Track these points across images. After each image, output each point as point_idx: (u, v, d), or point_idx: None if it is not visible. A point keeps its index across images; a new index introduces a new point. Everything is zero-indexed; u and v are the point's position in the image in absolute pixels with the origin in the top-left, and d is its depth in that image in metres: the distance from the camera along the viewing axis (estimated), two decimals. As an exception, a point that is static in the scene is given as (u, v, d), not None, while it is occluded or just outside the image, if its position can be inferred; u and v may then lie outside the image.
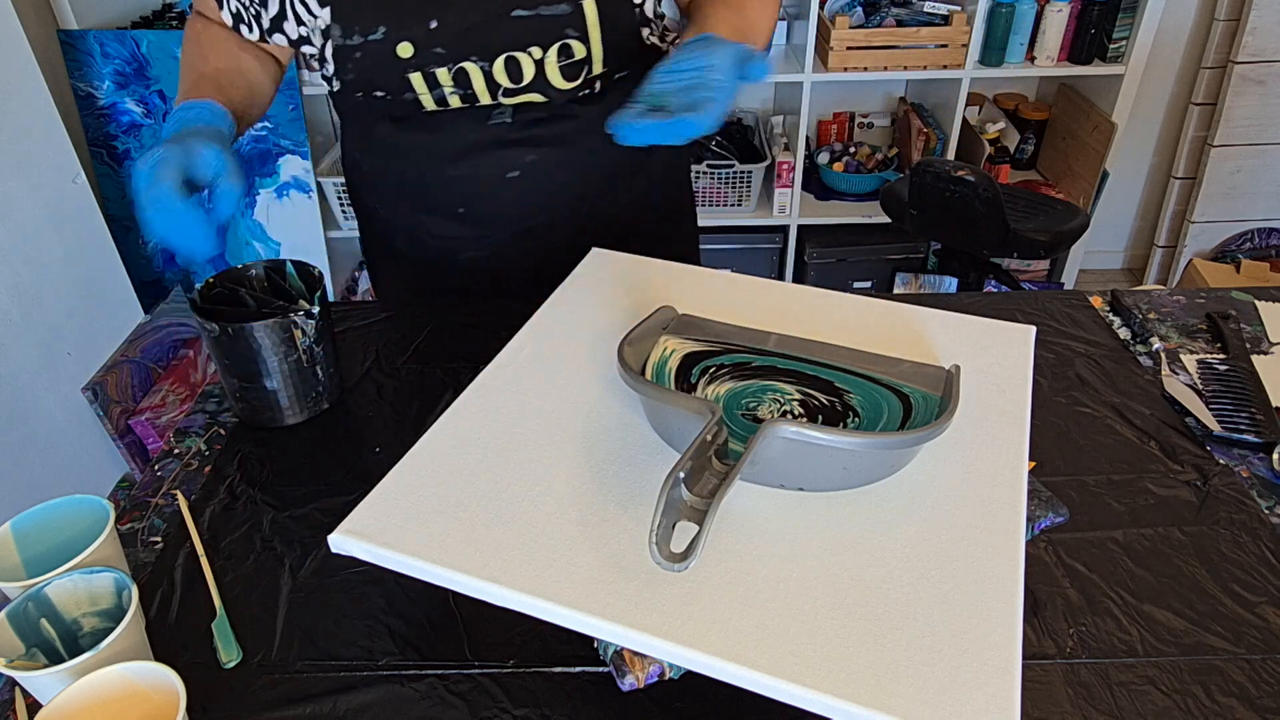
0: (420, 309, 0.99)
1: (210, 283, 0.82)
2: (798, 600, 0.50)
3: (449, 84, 0.83)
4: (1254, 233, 2.47)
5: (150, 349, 1.87)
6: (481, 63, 0.82)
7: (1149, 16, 2.16)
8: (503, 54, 0.82)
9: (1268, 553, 0.66)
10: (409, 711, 0.56)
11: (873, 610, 0.49)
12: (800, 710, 0.46)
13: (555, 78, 0.85)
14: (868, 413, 0.62)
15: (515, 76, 0.84)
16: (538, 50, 0.82)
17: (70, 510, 0.62)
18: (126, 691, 0.52)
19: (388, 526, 0.55)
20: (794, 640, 0.48)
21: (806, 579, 0.51)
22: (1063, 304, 0.97)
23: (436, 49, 0.81)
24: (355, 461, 0.77)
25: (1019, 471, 0.59)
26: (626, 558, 0.52)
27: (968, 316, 0.76)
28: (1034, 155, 2.62)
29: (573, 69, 0.85)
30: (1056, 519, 0.66)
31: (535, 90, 0.85)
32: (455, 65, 0.82)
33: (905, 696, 0.45)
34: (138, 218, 0.68)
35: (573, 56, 0.84)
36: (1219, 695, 0.56)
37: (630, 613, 0.49)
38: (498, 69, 0.83)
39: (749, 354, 0.69)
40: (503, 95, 0.85)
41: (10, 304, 1.54)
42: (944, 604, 0.50)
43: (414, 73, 0.82)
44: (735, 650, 0.47)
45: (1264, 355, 0.88)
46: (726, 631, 0.48)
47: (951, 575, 0.51)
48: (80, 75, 2.02)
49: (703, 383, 0.66)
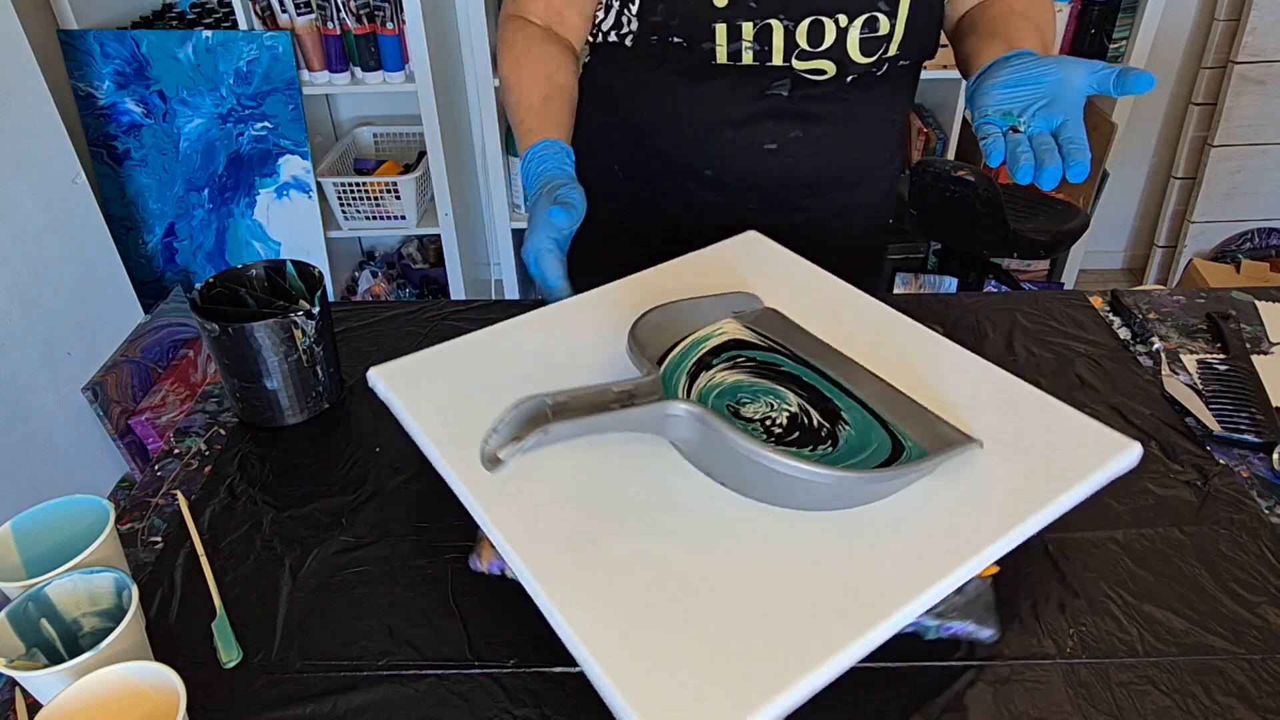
0: (421, 309, 0.99)
1: (210, 283, 0.82)
2: (646, 568, 0.53)
3: (749, 38, 0.84)
4: (1254, 233, 2.47)
5: (150, 349, 1.87)
6: (787, 21, 0.83)
7: (1149, 16, 2.16)
8: (810, 16, 0.83)
9: (1268, 553, 0.66)
10: (409, 711, 0.56)
11: (712, 609, 0.51)
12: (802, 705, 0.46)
13: (853, 48, 0.85)
14: (849, 444, 0.60)
15: (815, 41, 0.85)
16: (844, 18, 0.84)
17: (70, 510, 0.62)
18: (126, 691, 0.52)
19: (410, 384, 0.66)
20: (603, 595, 0.51)
21: (678, 555, 0.54)
22: (1063, 304, 0.97)
23: (751, 2, 0.82)
24: (355, 461, 0.77)
25: (966, 563, 0.53)
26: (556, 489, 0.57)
27: (1072, 411, 0.64)
28: (1034, 155, 2.62)
29: (872, 44, 0.86)
30: (974, 632, 0.58)
31: (830, 58, 0.86)
32: (762, 21, 0.83)
33: (655, 692, 0.46)
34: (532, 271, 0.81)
35: (876, 30, 0.85)
36: (1219, 695, 0.56)
37: (497, 510, 0.56)
38: (801, 30, 0.84)
39: (786, 358, 0.68)
40: (797, 58, 0.86)
41: (10, 304, 1.54)
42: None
43: (720, 23, 0.83)
44: (547, 574, 0.52)
45: (1264, 355, 0.88)
46: (558, 562, 0.53)
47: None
48: (80, 75, 2.02)
49: (720, 367, 0.66)
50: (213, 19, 2.15)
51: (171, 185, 2.16)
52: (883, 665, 0.58)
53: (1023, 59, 0.76)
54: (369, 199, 2.27)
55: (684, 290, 0.72)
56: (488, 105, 2.21)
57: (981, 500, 0.57)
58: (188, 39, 2.03)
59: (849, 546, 0.54)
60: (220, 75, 2.07)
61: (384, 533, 0.70)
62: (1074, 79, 0.71)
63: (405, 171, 2.32)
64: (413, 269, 2.60)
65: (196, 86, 2.07)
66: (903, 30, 0.86)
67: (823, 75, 0.88)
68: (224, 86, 2.08)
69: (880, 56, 0.87)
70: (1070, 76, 0.71)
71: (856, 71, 0.88)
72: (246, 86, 2.09)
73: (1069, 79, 0.71)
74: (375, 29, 2.07)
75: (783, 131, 0.91)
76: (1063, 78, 0.72)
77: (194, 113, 2.10)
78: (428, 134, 2.17)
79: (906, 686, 0.57)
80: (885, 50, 0.87)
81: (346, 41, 2.10)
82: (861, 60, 0.87)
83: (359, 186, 2.25)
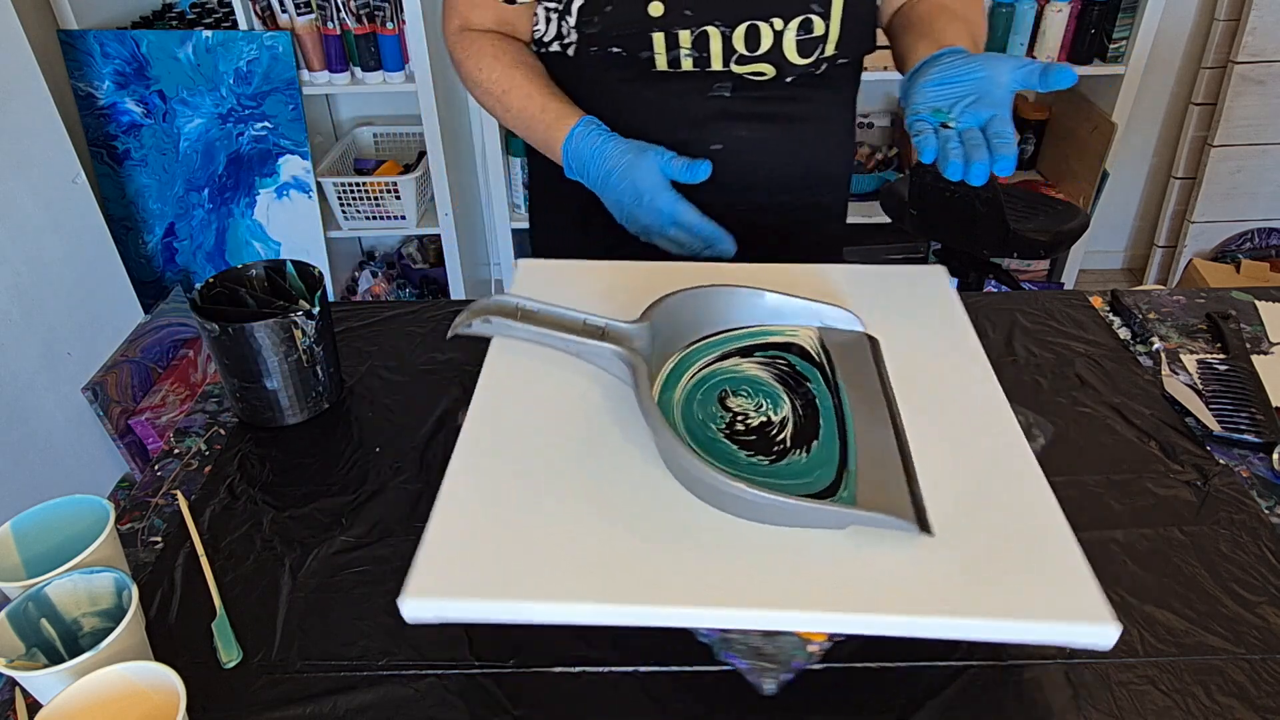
0: (421, 309, 0.99)
1: (210, 283, 0.82)
2: (880, 541, 0.53)
3: (687, 45, 0.85)
4: (1254, 233, 2.47)
5: (150, 349, 1.87)
6: (724, 27, 0.84)
7: (1149, 16, 2.16)
8: (746, 21, 0.84)
9: (1268, 553, 0.66)
10: (409, 711, 0.56)
11: (957, 539, 0.53)
12: (802, 704, 0.46)
13: (790, 50, 0.86)
14: (791, 468, 0.59)
15: (752, 45, 0.85)
16: (779, 21, 0.85)
17: (70, 510, 0.62)
18: (126, 691, 0.52)
19: (454, 578, 0.51)
20: (914, 579, 0.51)
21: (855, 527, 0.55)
22: (1063, 304, 0.97)
23: (686, 10, 0.83)
24: (355, 461, 0.77)
25: (1001, 401, 0.64)
26: (709, 543, 0.54)
27: (878, 267, 0.80)
28: (1034, 155, 2.62)
29: (808, 45, 0.87)
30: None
31: (768, 61, 0.87)
32: (699, 28, 0.84)
33: (1027, 600, 0.50)
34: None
35: (811, 32, 0.86)
36: (1219, 695, 0.56)
37: (744, 593, 0.50)
38: (738, 35, 0.85)
39: (823, 379, 0.67)
40: (735, 62, 0.87)
41: (10, 304, 1.54)
42: (997, 520, 0.55)
43: (657, 32, 0.84)
44: (881, 601, 0.50)
45: (1264, 355, 0.88)
46: (860, 585, 0.51)
47: (990, 496, 0.57)
48: (80, 75, 2.02)
49: (756, 359, 0.68)
50: (213, 19, 2.15)
51: (171, 185, 2.16)
52: (882, 665, 0.58)
53: (952, 57, 0.77)
54: (369, 199, 2.27)
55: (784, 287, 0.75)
56: (488, 105, 2.21)
57: (942, 372, 0.67)
58: (188, 39, 2.03)
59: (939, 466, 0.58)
60: (220, 75, 2.07)
61: (384, 533, 0.70)
62: (1000, 75, 0.73)
63: (405, 171, 2.32)
64: (413, 269, 2.59)
65: (196, 86, 2.07)
66: (838, 30, 0.86)
67: (763, 78, 0.89)
68: (224, 86, 2.08)
69: (818, 57, 0.88)
70: (997, 74, 0.73)
71: (795, 73, 0.89)
72: (246, 86, 2.09)
73: (995, 76, 0.73)
74: (375, 29, 2.07)
75: (728, 131, 0.92)
76: (989, 75, 0.73)
77: (194, 113, 2.10)
78: (428, 134, 2.17)
79: (906, 686, 0.57)
80: (822, 50, 0.87)
81: (346, 41, 2.10)
82: (799, 61, 0.87)
83: (359, 186, 2.25)
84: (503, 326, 0.67)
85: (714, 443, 0.61)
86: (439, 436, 0.79)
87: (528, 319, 0.67)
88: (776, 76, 0.88)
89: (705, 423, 0.63)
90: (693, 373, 0.68)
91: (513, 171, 2.33)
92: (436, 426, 0.80)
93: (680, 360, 0.69)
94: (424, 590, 0.50)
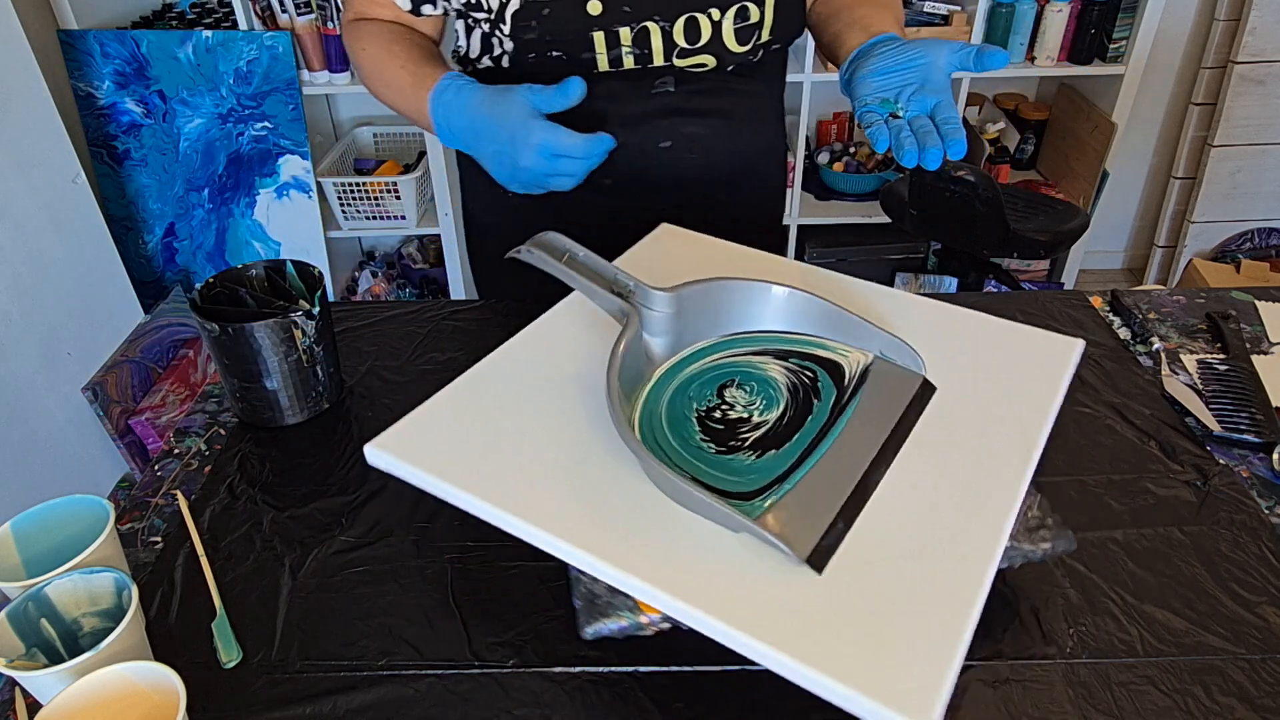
0: (421, 309, 0.99)
1: (210, 283, 0.82)
2: (775, 565, 0.52)
3: (628, 43, 0.85)
4: (1254, 233, 2.47)
5: (150, 349, 1.87)
6: (663, 22, 0.84)
7: (1149, 16, 2.16)
8: (684, 14, 0.84)
9: (1268, 553, 0.66)
10: (409, 711, 0.56)
11: (851, 589, 0.51)
12: (802, 705, 0.46)
13: (730, 39, 0.87)
14: (736, 465, 0.59)
15: (693, 37, 0.86)
16: (716, 12, 0.85)
17: (70, 510, 0.62)
18: (126, 691, 0.52)
19: (415, 447, 0.61)
20: (767, 600, 0.50)
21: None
22: (1063, 304, 0.97)
23: (625, 7, 0.83)
24: (355, 461, 0.77)
25: (1016, 488, 0.56)
26: (620, 501, 0.56)
27: (1011, 323, 0.72)
28: (1034, 155, 2.62)
29: (746, 32, 0.87)
30: (1063, 544, 0.61)
31: (708, 51, 0.87)
32: (639, 25, 0.84)
33: (857, 664, 0.47)
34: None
35: (748, 19, 0.86)
36: (1219, 695, 0.56)
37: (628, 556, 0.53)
38: (677, 29, 0.85)
39: (834, 402, 0.65)
40: (677, 56, 0.87)
41: (10, 304, 1.54)
42: (912, 593, 0.50)
43: (598, 31, 0.83)
44: (705, 600, 0.50)
45: (1264, 355, 0.88)
46: (706, 584, 0.51)
47: (924, 568, 0.52)
48: (80, 75, 2.02)
49: (789, 362, 0.67)
50: (213, 19, 2.15)
51: (171, 185, 2.16)
52: (883, 665, 0.58)
53: (887, 45, 0.78)
54: (369, 199, 2.27)
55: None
56: (488, 105, 2.21)
57: (999, 424, 0.62)
58: (188, 39, 2.03)
59: (912, 509, 0.56)
60: (220, 75, 2.07)
61: (384, 533, 0.70)
62: (939, 60, 0.74)
63: (405, 171, 2.32)
64: (413, 269, 2.60)
65: (196, 86, 2.08)
66: (772, 15, 0.87)
67: (705, 69, 0.89)
68: (224, 86, 2.08)
69: (755, 44, 0.89)
70: (935, 58, 0.74)
71: (735, 61, 0.89)
72: (246, 86, 2.09)
73: (935, 61, 0.74)
74: (375, 29, 2.07)
75: (674, 128, 0.92)
76: (930, 60, 0.74)
77: (194, 113, 2.10)
78: (427, 134, 2.17)
79: (906, 686, 0.57)
80: (758, 37, 0.88)
81: (346, 41, 2.10)
82: (738, 49, 0.88)
83: (359, 186, 2.25)
84: (540, 259, 0.68)
85: (684, 420, 0.62)
86: (439, 436, 0.79)
87: (571, 264, 0.69)
88: (717, 67, 0.89)
89: (690, 401, 0.64)
90: (720, 356, 0.68)
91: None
92: (436, 426, 0.80)
93: (717, 343, 0.70)
94: (386, 446, 0.61)
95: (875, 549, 0.53)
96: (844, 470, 0.58)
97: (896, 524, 0.55)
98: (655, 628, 0.57)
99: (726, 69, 0.90)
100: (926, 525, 0.54)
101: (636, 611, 0.57)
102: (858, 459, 0.59)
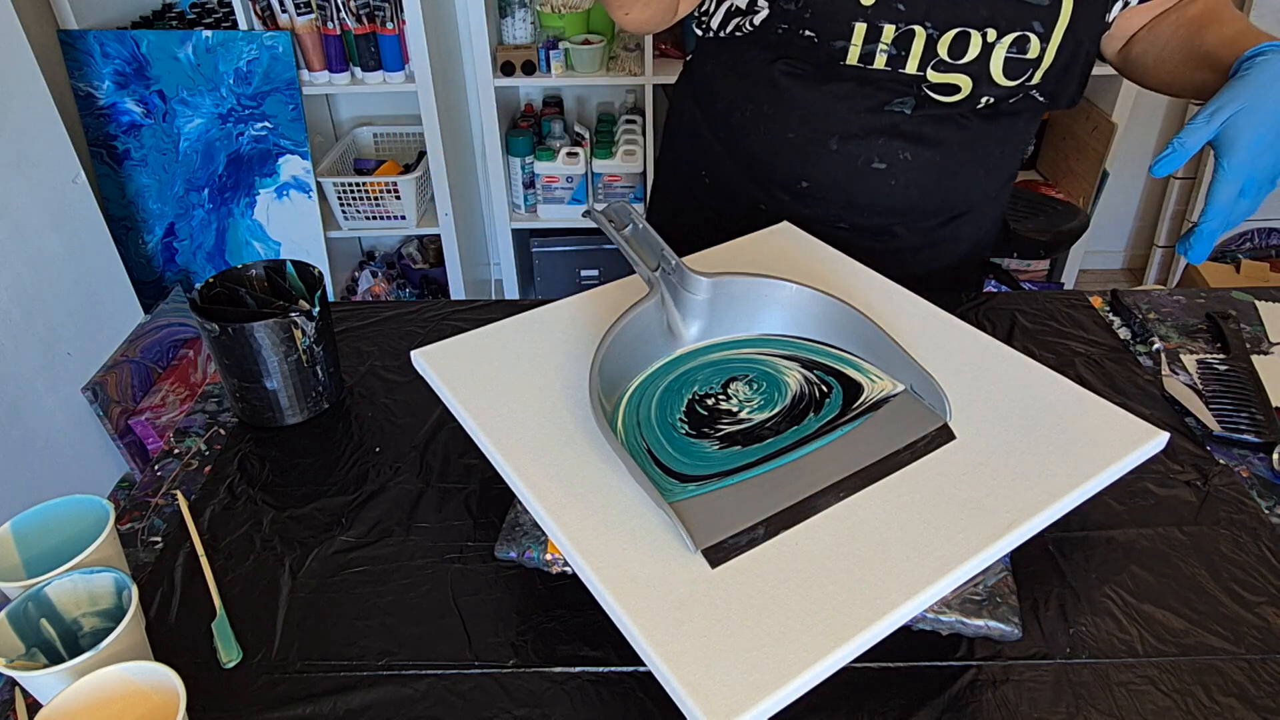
0: (421, 309, 0.99)
1: (210, 283, 0.82)
2: (677, 551, 0.53)
3: (888, 41, 0.79)
4: (1254, 233, 2.47)
5: (150, 349, 1.87)
6: (932, 29, 0.79)
7: (1149, 16, 2.16)
8: (958, 27, 0.79)
9: (1268, 553, 0.66)
10: (409, 711, 0.57)
11: (735, 592, 0.51)
12: (802, 706, 0.46)
13: (996, 68, 0.80)
14: (706, 454, 0.60)
15: (957, 53, 0.80)
16: (993, 33, 0.79)
17: (70, 510, 0.62)
18: (126, 691, 0.52)
19: (447, 364, 0.70)
20: (648, 576, 0.51)
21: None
22: (1063, 304, 0.97)
23: (899, 5, 0.78)
24: (355, 461, 0.77)
25: (977, 555, 0.52)
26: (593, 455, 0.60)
27: (1091, 394, 0.65)
28: (1034, 155, 2.62)
29: (1017, 66, 0.81)
30: (1002, 631, 0.57)
31: (968, 73, 0.81)
32: (906, 26, 0.79)
33: (692, 658, 0.47)
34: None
35: (1025, 52, 0.80)
36: (1219, 695, 0.56)
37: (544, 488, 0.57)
38: (945, 40, 0.79)
39: (838, 417, 0.63)
40: (932, 68, 0.81)
41: (10, 304, 1.54)
42: (792, 615, 0.49)
43: (861, 21, 0.79)
44: (595, 556, 0.53)
45: (1264, 355, 0.88)
46: (605, 542, 0.53)
47: (822, 598, 0.50)
48: (80, 75, 2.02)
49: (811, 375, 0.67)
50: (213, 19, 2.15)
51: (171, 185, 2.16)
52: (882, 665, 0.58)
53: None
54: (369, 199, 2.27)
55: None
56: (488, 105, 2.21)
57: (1007, 485, 0.57)
58: (188, 39, 2.03)
59: (868, 532, 0.54)
60: (220, 75, 2.07)
61: (384, 533, 0.70)
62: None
63: (405, 171, 2.32)
64: (413, 269, 2.60)
65: (196, 86, 2.08)
66: (1052, 57, 0.80)
67: (954, 95, 0.83)
68: (224, 86, 2.08)
69: (1022, 82, 0.82)
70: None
71: (991, 94, 0.83)
72: (246, 86, 2.09)
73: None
74: (375, 29, 2.07)
75: (893, 152, 0.86)
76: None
77: (194, 113, 2.10)
78: (428, 134, 2.18)
79: (906, 686, 0.57)
80: (1030, 76, 0.81)
81: (346, 41, 2.10)
82: (1002, 82, 0.81)
83: (359, 186, 2.25)
84: (603, 223, 0.71)
85: (675, 398, 0.64)
86: (439, 436, 0.79)
87: (629, 234, 0.71)
88: (969, 96, 0.83)
89: (693, 384, 0.66)
90: (747, 351, 0.69)
91: (512, 171, 2.33)
92: (436, 426, 0.80)
93: (752, 339, 0.70)
94: (426, 355, 0.71)
95: (786, 565, 0.52)
96: (793, 485, 0.57)
97: (824, 549, 0.53)
98: (558, 568, 0.62)
99: (976, 103, 0.83)
100: (855, 561, 0.52)
101: (544, 549, 0.62)
102: (814, 478, 0.57)
